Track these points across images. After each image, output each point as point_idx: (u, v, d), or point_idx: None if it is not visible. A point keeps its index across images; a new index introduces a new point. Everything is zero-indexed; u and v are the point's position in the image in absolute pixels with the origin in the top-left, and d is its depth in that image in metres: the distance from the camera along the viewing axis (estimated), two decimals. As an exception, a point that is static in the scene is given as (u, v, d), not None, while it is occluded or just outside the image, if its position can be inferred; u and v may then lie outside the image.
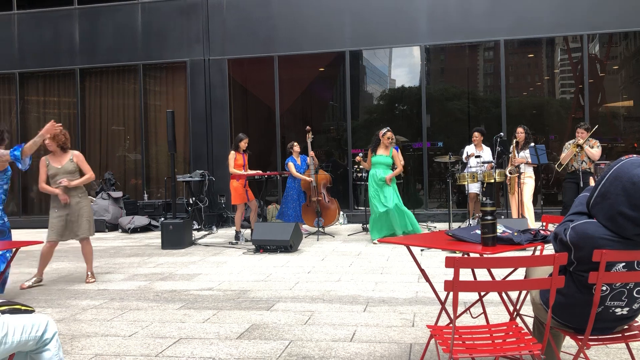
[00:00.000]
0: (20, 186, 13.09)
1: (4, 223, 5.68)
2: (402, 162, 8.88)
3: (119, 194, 12.07)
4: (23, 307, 2.77)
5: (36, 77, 13.34)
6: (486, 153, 9.39)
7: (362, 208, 9.99)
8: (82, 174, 6.36)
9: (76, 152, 6.42)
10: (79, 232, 6.27)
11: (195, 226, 10.89)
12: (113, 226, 11.64)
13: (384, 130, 8.59)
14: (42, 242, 5.68)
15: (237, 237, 9.15)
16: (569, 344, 3.46)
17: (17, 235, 9.18)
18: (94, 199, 11.95)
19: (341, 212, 10.89)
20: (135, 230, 11.14)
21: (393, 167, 8.66)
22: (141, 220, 11.35)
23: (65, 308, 5.14)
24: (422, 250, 7.37)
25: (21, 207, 13.12)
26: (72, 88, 13.04)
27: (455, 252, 5.07)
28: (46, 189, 6.24)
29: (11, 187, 11.09)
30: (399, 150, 9.04)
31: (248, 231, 9.57)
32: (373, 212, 8.58)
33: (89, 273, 6.38)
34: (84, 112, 13.12)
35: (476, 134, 9.50)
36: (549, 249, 3.32)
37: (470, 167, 9.00)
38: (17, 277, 6.71)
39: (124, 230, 11.26)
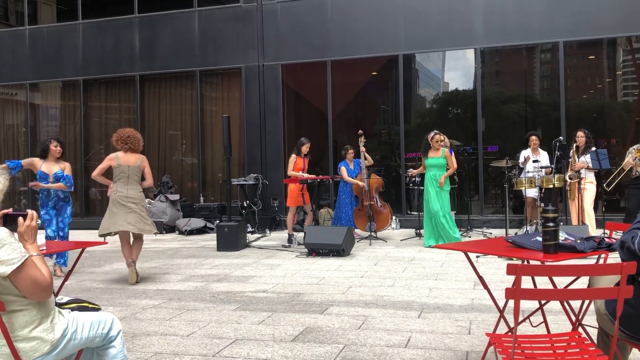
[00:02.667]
0: (83, 188, 13.65)
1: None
2: (455, 166, 8.85)
3: (176, 196, 12.39)
4: (90, 305, 2.88)
5: (98, 84, 13.87)
6: (543, 157, 9.16)
7: (415, 213, 9.89)
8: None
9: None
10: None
11: (249, 229, 11.05)
12: (170, 228, 11.96)
13: (432, 133, 8.71)
14: (105, 243, 5.94)
15: (289, 240, 9.24)
16: (635, 357, 3.33)
17: (80, 236, 9.58)
18: (152, 201, 12.31)
19: (394, 217, 10.81)
20: (191, 232, 11.41)
21: (447, 168, 8.67)
22: (197, 222, 11.61)
23: (126, 307, 5.32)
24: (477, 256, 7.23)
25: (83, 209, 13.67)
26: (132, 94, 13.50)
27: (512, 259, 4.96)
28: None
29: (76, 190, 11.54)
30: (452, 153, 8.95)
31: (301, 234, 9.64)
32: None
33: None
34: (143, 117, 13.54)
35: (533, 137, 9.28)
36: (613, 258, 3.20)
37: (528, 172, 8.78)
38: (81, 277, 6.99)
39: (181, 232, 11.54)
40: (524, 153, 9.28)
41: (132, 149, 6.60)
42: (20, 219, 2.42)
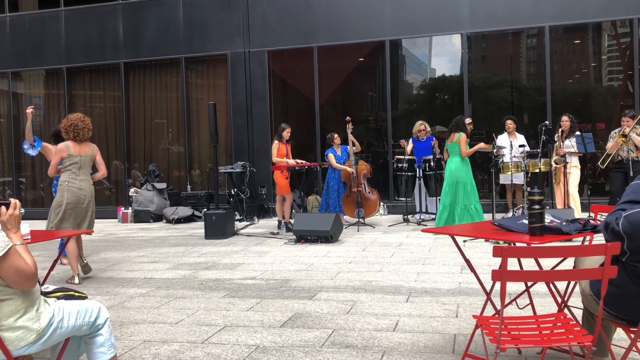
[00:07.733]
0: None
1: None
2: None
3: (163, 185, 12.31)
4: (77, 294, 2.87)
5: (82, 72, 13.70)
6: (520, 140, 9.30)
7: (403, 199, 9.92)
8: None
9: None
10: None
11: (237, 217, 11.01)
12: (157, 217, 11.90)
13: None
14: (91, 232, 5.88)
15: (279, 226, 9.25)
16: (619, 337, 3.37)
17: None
18: (139, 190, 12.23)
19: (381, 203, 10.84)
20: (179, 221, 11.36)
21: None
22: (185, 211, 11.56)
23: (113, 296, 5.30)
24: (465, 240, 7.28)
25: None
26: (117, 82, 13.35)
27: (499, 242, 5.00)
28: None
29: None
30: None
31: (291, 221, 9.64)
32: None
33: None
34: (129, 105, 13.41)
35: (509, 121, 9.46)
36: (598, 239, 3.23)
37: (514, 156, 8.85)
38: (68, 267, 6.94)
39: (168, 221, 11.49)
40: (501, 138, 9.40)
41: (77, 139, 6.02)
42: (3, 208, 2.39)
